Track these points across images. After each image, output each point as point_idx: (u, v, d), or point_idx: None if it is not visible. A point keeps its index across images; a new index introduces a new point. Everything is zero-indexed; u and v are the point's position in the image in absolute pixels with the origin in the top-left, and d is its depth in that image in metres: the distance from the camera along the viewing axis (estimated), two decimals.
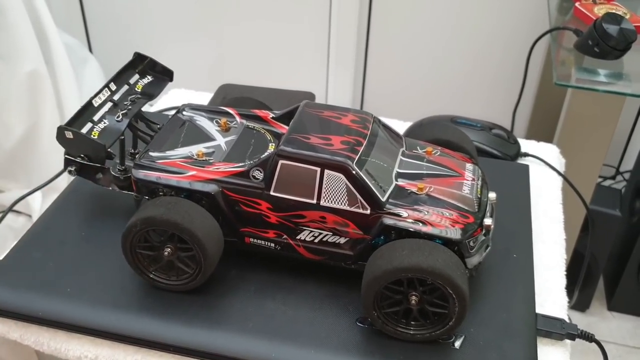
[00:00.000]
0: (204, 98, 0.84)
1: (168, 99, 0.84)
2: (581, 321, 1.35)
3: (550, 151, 0.77)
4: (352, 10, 1.33)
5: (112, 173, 0.55)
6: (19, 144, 1.16)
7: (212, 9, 1.43)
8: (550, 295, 0.56)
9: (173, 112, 0.59)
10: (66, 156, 0.54)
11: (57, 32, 1.23)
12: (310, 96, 0.81)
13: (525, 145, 0.76)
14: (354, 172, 0.47)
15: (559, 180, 0.72)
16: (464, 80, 1.40)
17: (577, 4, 1.01)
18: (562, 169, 0.75)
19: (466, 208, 0.49)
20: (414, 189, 0.49)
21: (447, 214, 0.48)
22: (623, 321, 1.35)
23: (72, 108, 1.21)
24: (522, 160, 0.73)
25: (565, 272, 0.60)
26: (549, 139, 0.83)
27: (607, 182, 1.45)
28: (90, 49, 1.56)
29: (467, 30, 1.34)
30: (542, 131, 1.28)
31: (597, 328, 1.34)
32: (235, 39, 1.46)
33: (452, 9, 1.32)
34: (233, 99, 0.64)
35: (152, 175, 0.50)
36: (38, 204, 1.16)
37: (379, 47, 1.41)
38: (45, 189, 0.66)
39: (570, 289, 0.58)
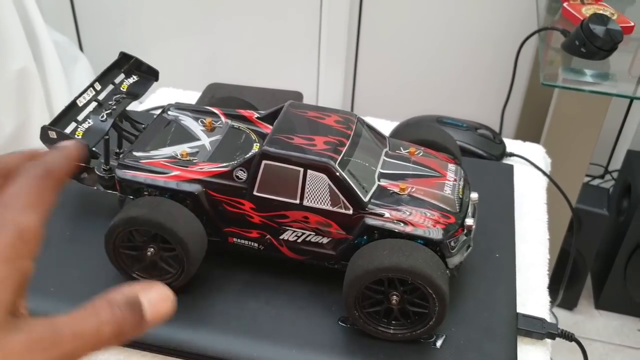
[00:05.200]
0: (191, 97, 0.84)
1: (156, 98, 0.84)
2: (568, 319, 1.36)
3: (536, 151, 0.77)
4: (342, 10, 1.33)
5: (97, 173, 0.55)
6: (8, 142, 1.15)
7: (203, 8, 1.42)
8: (533, 294, 0.56)
9: (159, 111, 0.59)
10: None
11: (47, 29, 1.23)
12: (298, 95, 0.81)
13: (511, 145, 0.77)
14: (336, 172, 0.47)
15: (544, 180, 0.72)
16: (454, 80, 1.41)
17: (565, 4, 1.02)
18: (547, 169, 0.76)
19: (447, 208, 0.49)
20: (396, 190, 0.49)
21: (429, 215, 0.48)
22: (610, 319, 1.36)
23: (61, 106, 1.20)
24: (508, 160, 0.73)
25: (548, 272, 0.60)
26: (537, 139, 0.83)
27: (596, 181, 1.46)
28: (80, 47, 1.55)
29: (458, 29, 1.34)
30: (530, 131, 1.29)
31: (584, 326, 1.35)
32: (227, 37, 1.46)
33: (442, 8, 1.32)
34: (219, 99, 0.64)
35: (136, 175, 0.51)
36: None
37: (370, 47, 1.41)
38: None
39: (556, 287, 0.58)
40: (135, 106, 0.75)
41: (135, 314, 0.26)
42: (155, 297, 0.27)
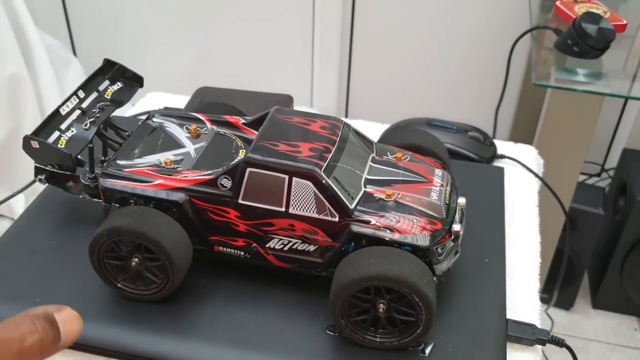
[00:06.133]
0: (181, 101, 0.84)
1: (145, 103, 0.83)
2: (565, 319, 1.36)
3: (528, 153, 0.76)
4: (335, 13, 1.33)
5: (82, 181, 0.54)
6: (0, 148, 1.15)
7: (196, 11, 1.42)
8: (523, 299, 0.56)
9: (145, 117, 0.58)
10: (36, 165, 0.54)
11: (38, 33, 1.22)
12: (288, 98, 0.81)
13: (503, 147, 0.76)
14: (322, 180, 0.47)
15: (536, 182, 0.71)
16: (447, 81, 1.40)
17: (558, 3, 1.01)
18: (540, 170, 0.75)
19: (434, 214, 0.48)
20: (383, 196, 0.49)
21: (415, 221, 0.48)
22: (607, 319, 1.36)
23: None
24: (499, 163, 0.73)
25: (539, 276, 0.60)
26: (532, 140, 0.83)
27: (593, 180, 1.46)
28: (74, 50, 1.55)
29: (450, 30, 1.33)
30: (525, 132, 1.28)
31: (581, 326, 1.34)
32: (220, 41, 1.45)
33: (435, 9, 1.31)
34: (205, 104, 0.64)
35: (119, 184, 0.50)
36: (21, 207, 1.16)
37: (363, 49, 1.40)
38: (28, 192, 0.65)
39: (552, 287, 0.57)
40: (126, 109, 0.75)
41: (54, 328, 0.29)
42: (67, 317, 0.30)
